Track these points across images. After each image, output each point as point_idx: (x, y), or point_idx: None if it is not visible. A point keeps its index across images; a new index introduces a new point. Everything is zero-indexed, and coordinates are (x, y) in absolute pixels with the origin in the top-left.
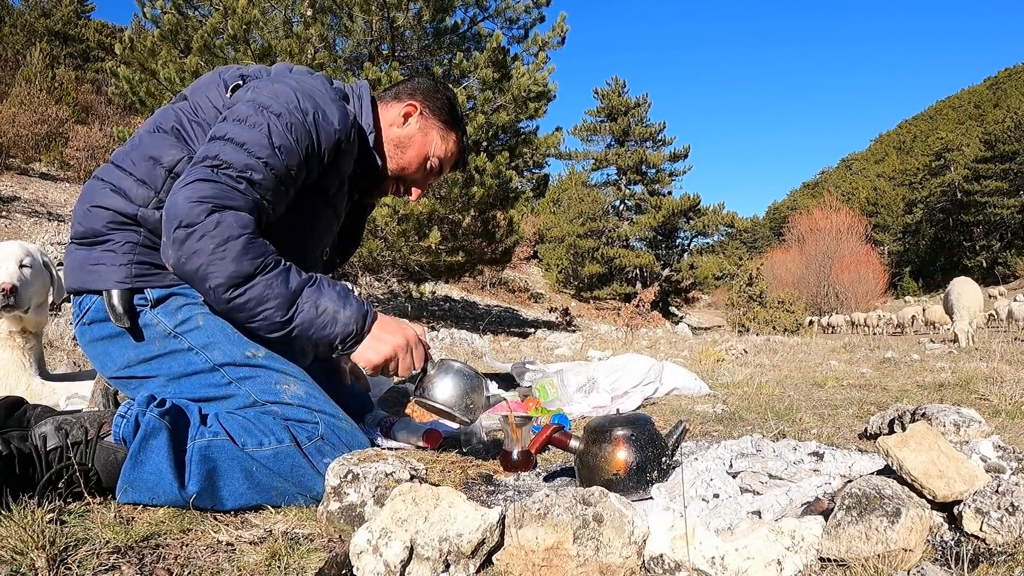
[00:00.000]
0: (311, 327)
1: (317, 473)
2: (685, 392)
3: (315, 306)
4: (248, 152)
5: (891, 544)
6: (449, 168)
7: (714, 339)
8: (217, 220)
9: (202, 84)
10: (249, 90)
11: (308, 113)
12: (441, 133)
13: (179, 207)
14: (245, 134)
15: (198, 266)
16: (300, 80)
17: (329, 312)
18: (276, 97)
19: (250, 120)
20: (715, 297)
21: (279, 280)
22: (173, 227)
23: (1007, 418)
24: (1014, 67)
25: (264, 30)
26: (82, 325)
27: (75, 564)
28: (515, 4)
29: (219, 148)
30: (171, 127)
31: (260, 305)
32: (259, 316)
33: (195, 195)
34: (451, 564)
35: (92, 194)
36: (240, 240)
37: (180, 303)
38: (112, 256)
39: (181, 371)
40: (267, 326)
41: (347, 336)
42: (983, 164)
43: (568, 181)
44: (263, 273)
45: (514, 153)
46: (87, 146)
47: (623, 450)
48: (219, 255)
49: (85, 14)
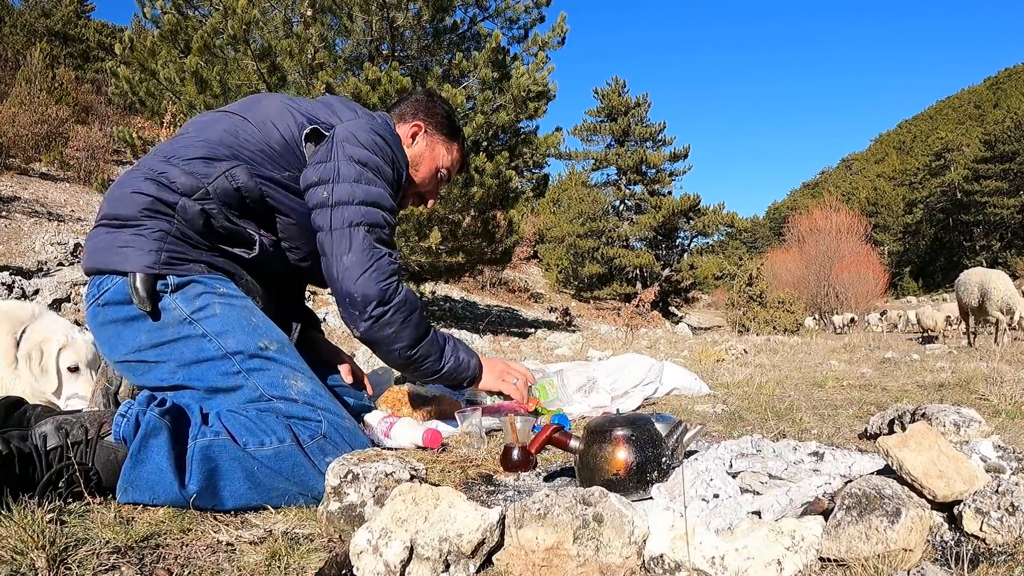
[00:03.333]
0: (453, 373)
1: (318, 472)
2: (685, 392)
3: (455, 357)
4: (381, 208)
5: (891, 544)
6: (455, 173)
7: (714, 339)
8: (404, 298)
9: (266, 109)
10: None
11: (392, 159)
12: (446, 146)
13: (370, 290)
14: (371, 193)
15: (389, 334)
16: (374, 125)
17: (463, 361)
18: (368, 149)
19: (364, 177)
20: (715, 297)
21: (437, 341)
22: (371, 307)
23: (1007, 418)
24: (1014, 67)
25: (264, 30)
26: (96, 305)
27: (75, 564)
28: (515, 4)
29: (359, 213)
30: (229, 140)
31: (426, 359)
32: (424, 367)
33: (380, 276)
34: (451, 564)
35: (133, 180)
36: (418, 311)
37: (199, 290)
38: (142, 240)
39: (192, 357)
40: (426, 373)
41: (472, 379)
42: (983, 164)
43: (568, 181)
44: (427, 336)
45: (514, 153)
46: (87, 146)
47: (623, 450)
48: (405, 325)
49: (85, 14)
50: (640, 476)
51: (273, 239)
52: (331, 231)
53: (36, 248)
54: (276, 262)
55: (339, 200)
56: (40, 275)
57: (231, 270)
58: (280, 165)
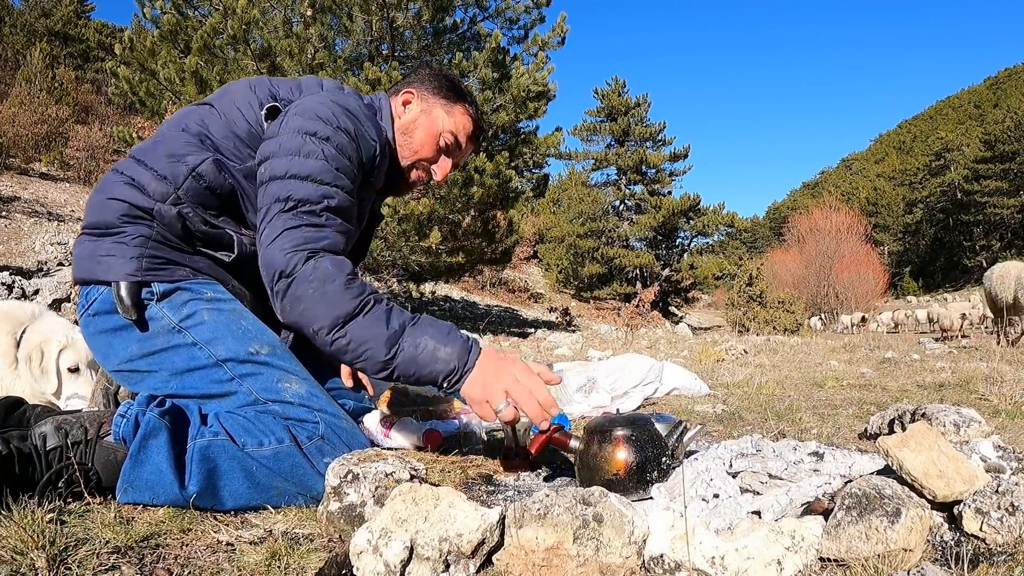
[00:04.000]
0: (412, 365)
1: (317, 473)
2: (685, 392)
3: (415, 345)
4: (316, 182)
5: (891, 544)
6: (468, 140)
7: (714, 339)
8: (314, 266)
9: (233, 96)
10: (290, 118)
11: (350, 132)
12: (445, 108)
13: (276, 260)
14: (308, 166)
15: (301, 311)
16: (336, 98)
17: (429, 349)
18: (317, 119)
19: (304, 150)
20: (715, 297)
21: (380, 320)
22: (275, 279)
23: (1007, 418)
24: (1014, 67)
25: (264, 30)
26: (87, 316)
27: (75, 564)
28: (515, 4)
29: (287, 187)
30: (197, 132)
31: (361, 346)
32: (362, 357)
33: (288, 245)
34: (451, 564)
35: (109, 186)
36: (337, 283)
37: (186, 298)
38: (123, 248)
39: (184, 366)
40: (371, 366)
41: (449, 373)
42: (983, 164)
43: (568, 181)
44: (363, 314)
45: (514, 153)
46: (87, 146)
47: (623, 450)
48: (319, 299)
49: (85, 14)
50: (640, 476)
51: (253, 236)
52: (260, 209)
53: (36, 248)
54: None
55: (272, 175)
56: (40, 275)
57: (216, 274)
58: (248, 152)
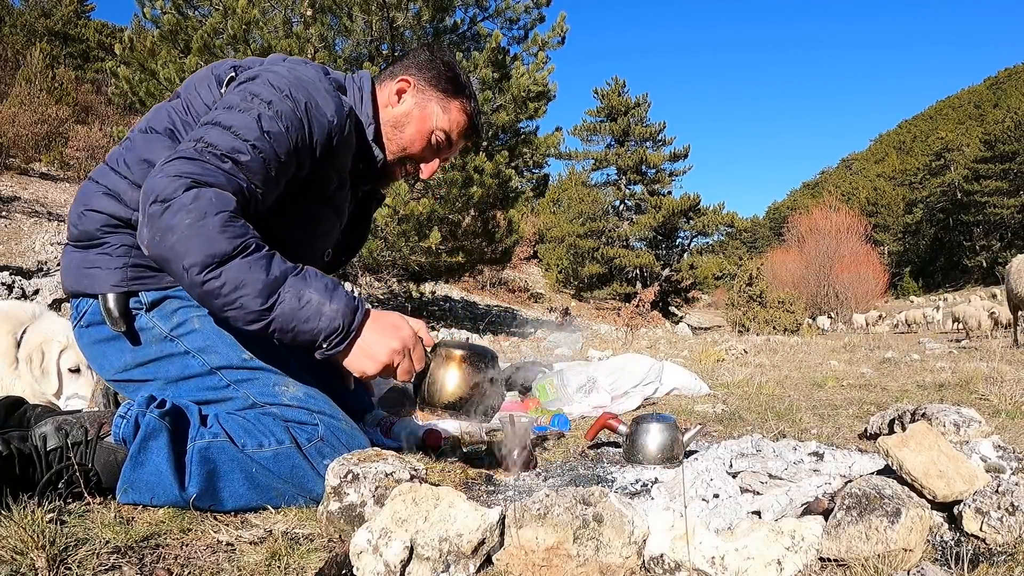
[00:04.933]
0: (292, 319)
1: (317, 474)
2: (685, 392)
3: (297, 296)
4: (235, 135)
5: (891, 544)
6: (460, 138)
7: (714, 339)
8: (195, 195)
9: (194, 81)
10: (240, 81)
11: (300, 103)
12: (441, 104)
13: (156, 182)
14: (233, 118)
15: (173, 243)
16: (293, 69)
17: (313, 304)
18: (267, 85)
19: (239, 107)
20: (715, 297)
21: (259, 264)
22: (149, 202)
23: (1007, 418)
24: (1014, 67)
25: (264, 30)
26: (80, 327)
27: (75, 564)
28: (515, 4)
29: (205, 131)
30: (164, 128)
31: (236, 290)
32: (235, 303)
33: (174, 171)
34: (451, 564)
35: (87, 197)
36: (218, 217)
37: (175, 306)
38: (107, 259)
39: (178, 374)
40: (243, 315)
41: (332, 332)
42: (983, 164)
43: (568, 181)
44: (242, 255)
45: (514, 153)
46: (87, 146)
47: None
48: (195, 231)
49: (85, 14)
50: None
51: None
52: None
53: (36, 248)
54: None
55: (201, 122)
56: (40, 275)
57: None
58: None
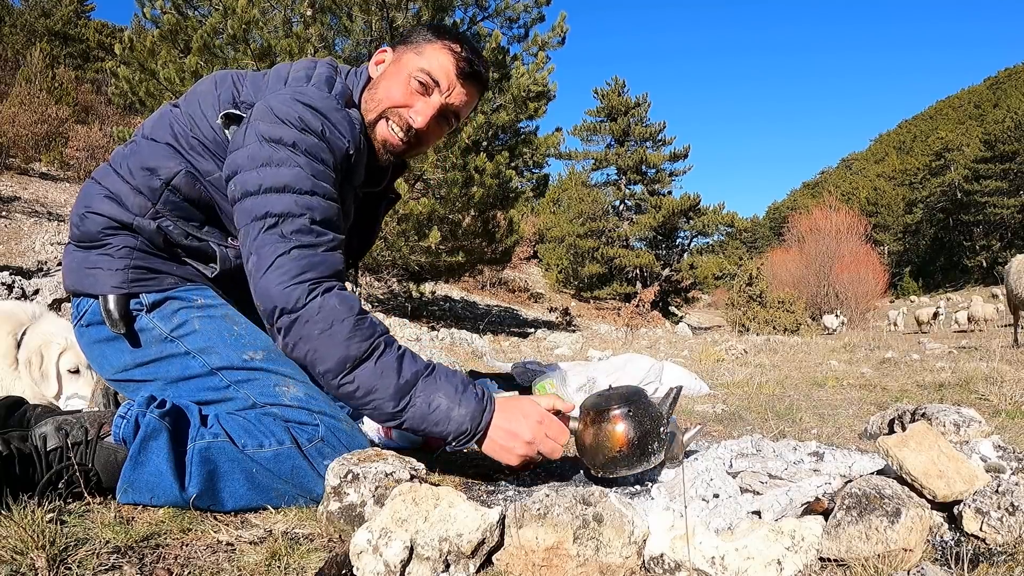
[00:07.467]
0: (423, 422)
1: (317, 475)
2: (685, 392)
3: (427, 402)
4: (295, 192)
5: (891, 544)
6: (455, 80)
7: (714, 339)
8: (320, 304)
9: (197, 95)
10: (252, 124)
11: (318, 132)
12: (416, 51)
13: (273, 294)
14: (280, 176)
15: (306, 352)
16: (300, 95)
17: (442, 409)
18: (281, 123)
19: (274, 159)
20: (715, 297)
21: (391, 368)
22: (275, 316)
23: (1007, 418)
24: (1014, 67)
25: (264, 30)
26: (80, 327)
27: (75, 564)
28: (515, 4)
29: (264, 203)
30: (165, 140)
31: (369, 394)
32: (369, 405)
33: (285, 277)
34: (451, 564)
35: (88, 198)
36: (345, 324)
37: (176, 307)
38: (109, 260)
39: (179, 375)
40: (378, 415)
41: (461, 434)
42: (983, 164)
43: (568, 181)
44: (373, 358)
45: (514, 153)
46: (87, 146)
47: (622, 425)
48: (324, 340)
49: (85, 14)
50: (642, 449)
51: (238, 248)
52: (240, 230)
53: (36, 248)
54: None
55: (245, 191)
56: (40, 275)
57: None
58: (216, 163)
